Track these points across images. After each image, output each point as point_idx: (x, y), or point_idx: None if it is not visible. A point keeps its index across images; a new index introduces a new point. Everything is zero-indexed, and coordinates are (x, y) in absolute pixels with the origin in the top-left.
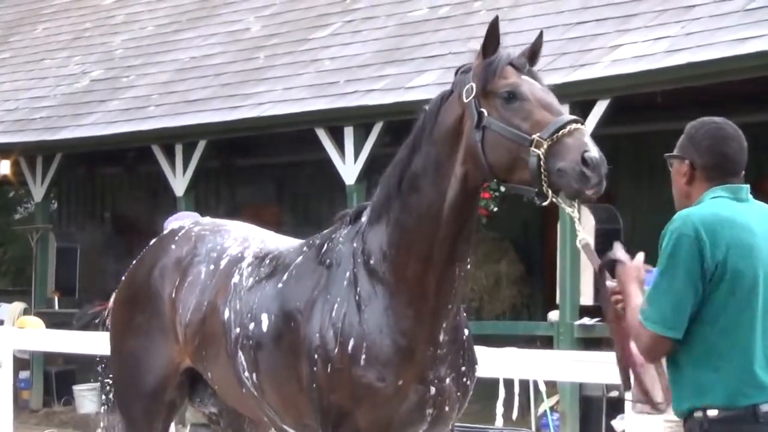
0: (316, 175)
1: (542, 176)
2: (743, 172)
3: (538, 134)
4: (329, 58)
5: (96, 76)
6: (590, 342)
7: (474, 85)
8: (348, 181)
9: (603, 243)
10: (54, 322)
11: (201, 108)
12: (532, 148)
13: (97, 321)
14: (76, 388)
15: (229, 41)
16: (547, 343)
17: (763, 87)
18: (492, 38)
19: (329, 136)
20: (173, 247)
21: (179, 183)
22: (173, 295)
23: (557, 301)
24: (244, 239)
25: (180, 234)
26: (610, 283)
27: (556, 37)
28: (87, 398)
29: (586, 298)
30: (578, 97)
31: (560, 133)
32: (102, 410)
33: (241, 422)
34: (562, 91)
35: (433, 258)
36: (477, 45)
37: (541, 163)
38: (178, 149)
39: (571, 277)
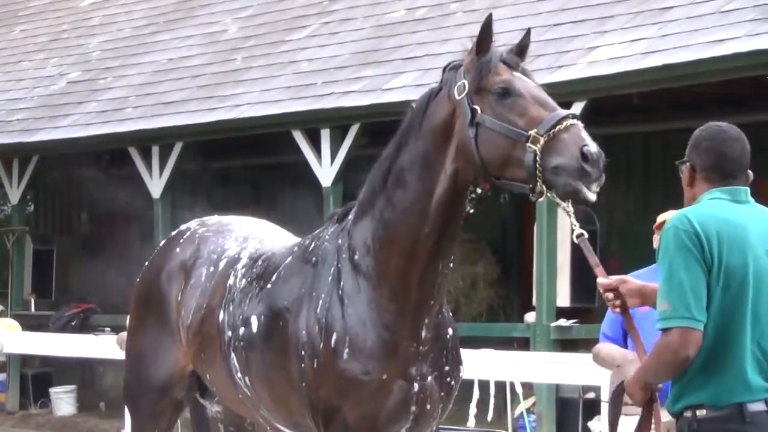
0: (293, 177)
1: (537, 173)
2: (749, 175)
3: (534, 130)
4: (306, 60)
5: (73, 78)
6: (567, 344)
7: (466, 82)
8: (324, 183)
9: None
10: (30, 324)
11: (178, 110)
12: (529, 144)
13: (73, 323)
14: (53, 390)
15: (206, 43)
16: (523, 344)
17: (739, 89)
18: (486, 36)
19: (306, 138)
20: (178, 250)
21: (156, 185)
22: (179, 298)
23: (534, 302)
24: (243, 239)
25: (185, 236)
26: (602, 280)
27: (533, 39)
28: (64, 401)
29: (563, 300)
30: (555, 98)
31: (557, 128)
32: None
33: (242, 421)
34: None
35: (416, 253)
36: (454, 47)
37: (537, 159)
38: (155, 151)
39: (548, 279)
